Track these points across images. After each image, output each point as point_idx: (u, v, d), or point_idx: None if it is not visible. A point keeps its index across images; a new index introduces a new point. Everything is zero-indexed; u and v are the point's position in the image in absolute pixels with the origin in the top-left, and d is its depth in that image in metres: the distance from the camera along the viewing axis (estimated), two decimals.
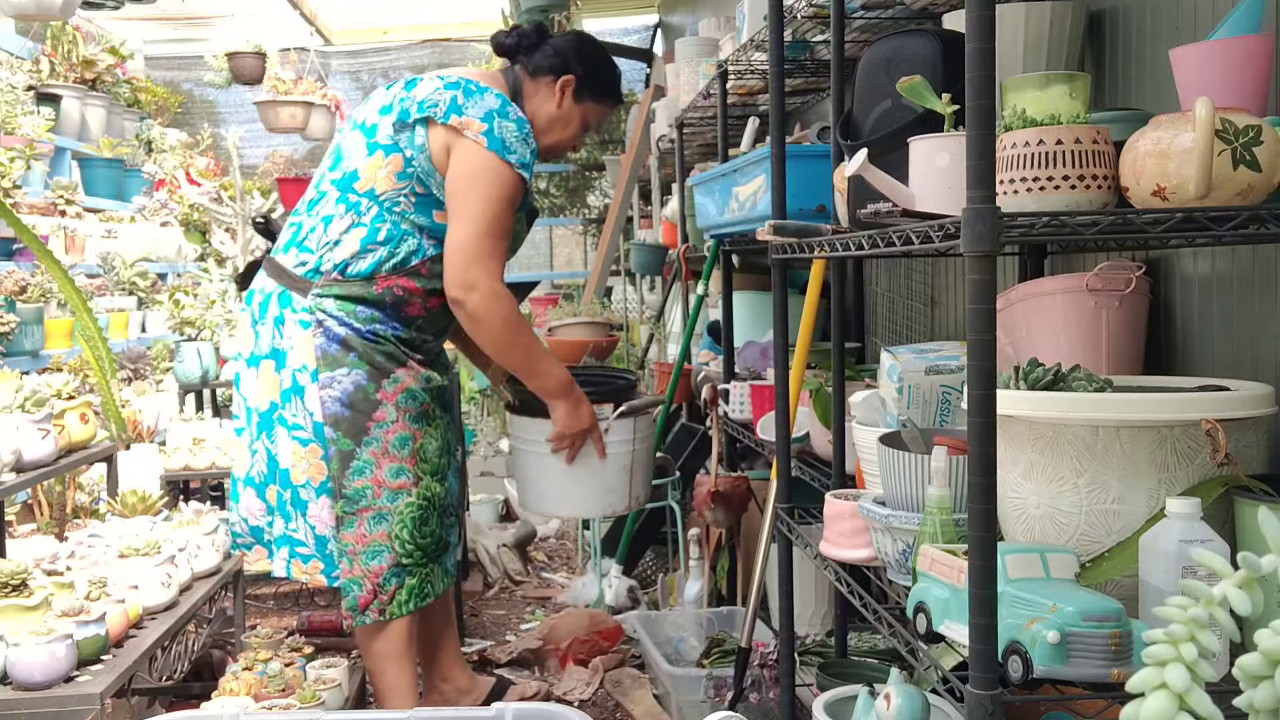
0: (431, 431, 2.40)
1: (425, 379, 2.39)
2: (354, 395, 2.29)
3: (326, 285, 2.30)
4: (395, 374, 2.33)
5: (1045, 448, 1.34)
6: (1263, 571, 0.73)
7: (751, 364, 3.18)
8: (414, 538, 2.34)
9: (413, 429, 2.35)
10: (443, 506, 2.42)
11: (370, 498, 2.31)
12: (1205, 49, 1.34)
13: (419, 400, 2.36)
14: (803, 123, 3.74)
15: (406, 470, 2.34)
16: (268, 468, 2.36)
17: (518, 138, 2.28)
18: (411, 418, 2.35)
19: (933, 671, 1.30)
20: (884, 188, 1.46)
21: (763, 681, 2.44)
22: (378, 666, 2.42)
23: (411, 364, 2.36)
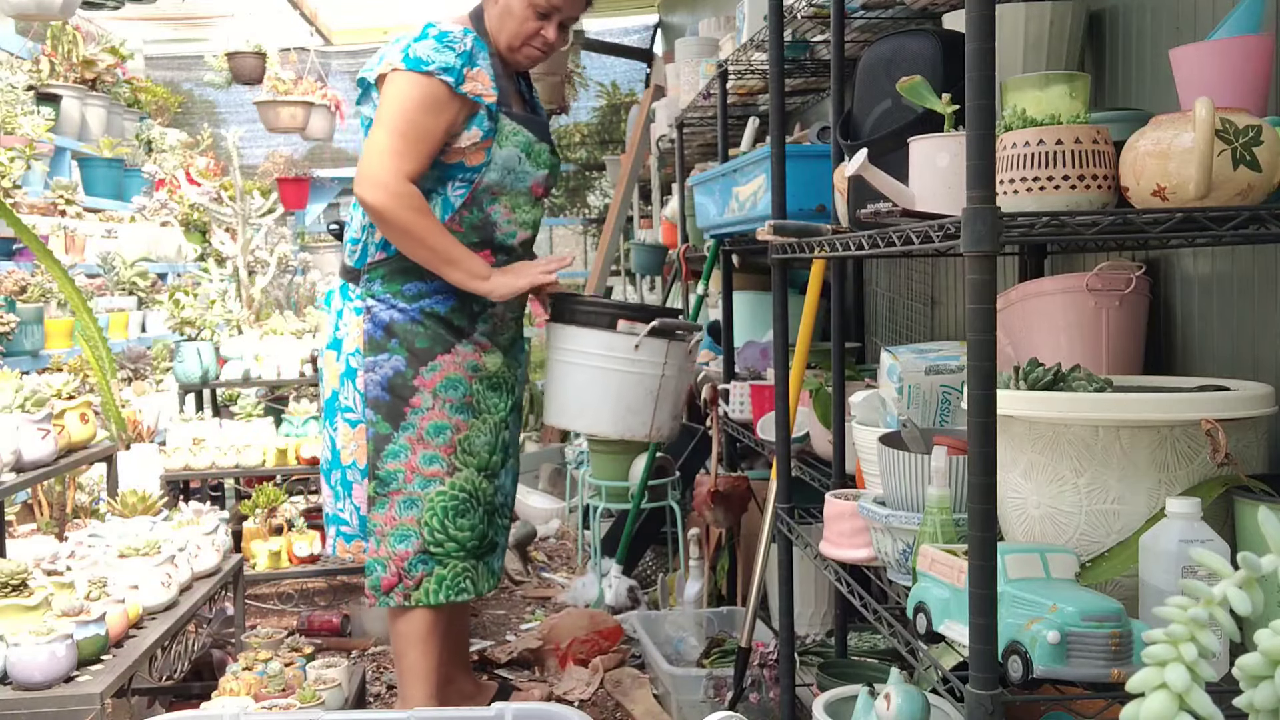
0: (479, 425, 2.42)
1: (472, 367, 2.41)
2: (393, 380, 2.36)
3: (373, 267, 2.39)
4: (436, 361, 2.37)
5: (1045, 448, 1.34)
6: (1263, 571, 0.73)
7: (751, 364, 3.18)
8: (444, 527, 2.36)
9: (454, 419, 2.38)
10: (490, 504, 2.44)
11: (401, 481, 2.36)
12: (1205, 49, 1.34)
13: (461, 390, 2.39)
14: (803, 123, 3.74)
15: (440, 459, 2.36)
16: (331, 452, 2.47)
17: (435, 48, 2.27)
18: (453, 407, 2.38)
19: (933, 671, 1.30)
20: (884, 188, 1.46)
21: (763, 681, 2.44)
22: (399, 647, 2.46)
23: (458, 350, 2.39)
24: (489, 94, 2.31)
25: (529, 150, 2.39)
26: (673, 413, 2.51)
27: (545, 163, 2.43)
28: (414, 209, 2.26)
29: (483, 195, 2.37)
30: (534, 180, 2.42)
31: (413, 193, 2.26)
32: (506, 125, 2.35)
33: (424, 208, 2.28)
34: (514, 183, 2.39)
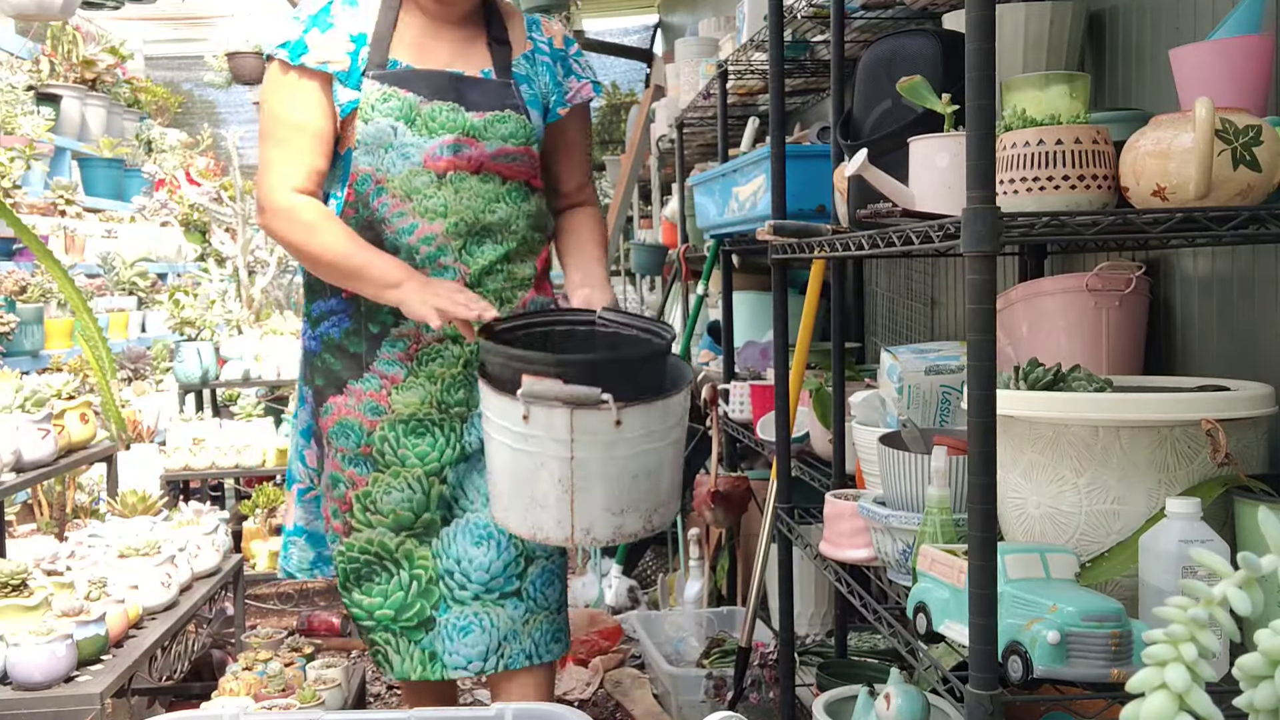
0: (387, 480, 1.93)
1: (372, 409, 1.94)
2: (310, 425, 2.08)
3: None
4: (328, 402, 1.98)
5: (1045, 448, 1.34)
6: (1263, 571, 0.73)
7: (751, 364, 3.18)
8: (348, 590, 1.98)
9: (349, 471, 1.95)
10: (425, 571, 1.95)
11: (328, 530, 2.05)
12: (1205, 49, 1.34)
13: (353, 438, 1.95)
14: (803, 123, 3.74)
15: (339, 514, 1.98)
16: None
17: (286, 19, 2.00)
18: (347, 459, 1.95)
19: (933, 671, 1.30)
20: (884, 188, 1.46)
21: (763, 681, 2.44)
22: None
23: (350, 389, 1.96)
24: (337, 59, 1.91)
25: (410, 115, 1.90)
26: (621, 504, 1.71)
27: (444, 125, 1.90)
28: (301, 222, 1.89)
29: (364, 187, 1.92)
30: (425, 153, 1.89)
31: (297, 205, 1.90)
32: (372, 91, 1.89)
33: (314, 219, 1.89)
34: (393, 163, 1.90)
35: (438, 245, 1.92)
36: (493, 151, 1.93)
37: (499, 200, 1.95)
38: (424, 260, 1.92)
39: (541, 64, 2.05)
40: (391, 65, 1.93)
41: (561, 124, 2.06)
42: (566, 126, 2.08)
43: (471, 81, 1.96)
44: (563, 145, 2.10)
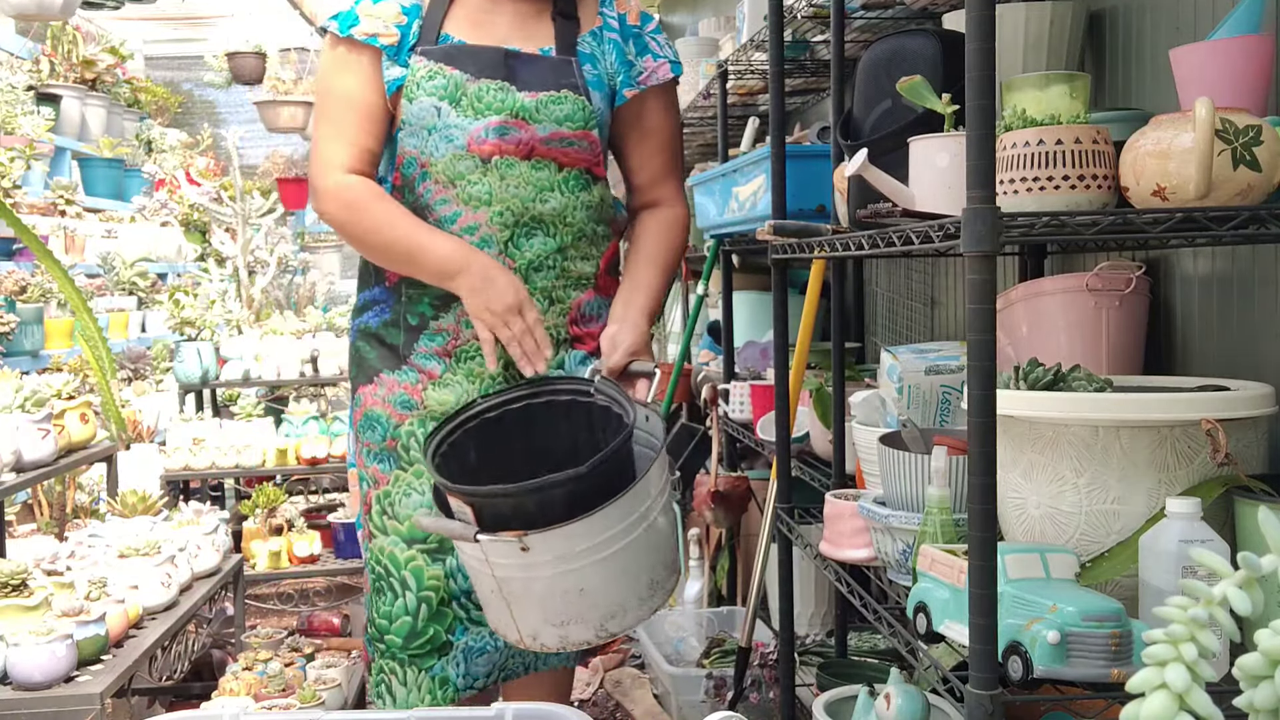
0: (408, 480, 1.82)
1: (403, 402, 1.83)
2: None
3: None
4: (358, 394, 1.90)
5: (1045, 448, 1.34)
6: (1263, 571, 0.73)
7: (751, 364, 3.18)
8: (372, 606, 1.85)
9: (372, 468, 1.85)
10: (437, 591, 1.80)
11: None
12: (1205, 49, 1.34)
13: (379, 431, 1.85)
14: (803, 123, 3.74)
15: (362, 518, 1.90)
16: None
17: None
18: (371, 454, 1.86)
19: (933, 671, 1.30)
20: (884, 188, 1.46)
21: (763, 681, 2.44)
22: None
23: (383, 380, 1.86)
24: (386, 33, 1.80)
25: (456, 95, 1.77)
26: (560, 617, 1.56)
27: (491, 106, 1.77)
28: (346, 201, 1.80)
29: (410, 170, 1.82)
30: (469, 135, 1.77)
31: (348, 184, 1.80)
32: (418, 68, 1.78)
33: (366, 199, 1.80)
34: (436, 146, 1.79)
35: (481, 236, 1.79)
36: (545, 135, 1.79)
37: (553, 189, 1.80)
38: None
39: (609, 41, 1.87)
40: (443, 40, 1.81)
41: (634, 108, 1.89)
42: (641, 111, 1.90)
43: (526, 59, 1.81)
44: (636, 132, 1.91)
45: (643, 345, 1.80)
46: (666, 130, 1.93)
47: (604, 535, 1.53)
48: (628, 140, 1.92)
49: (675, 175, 1.96)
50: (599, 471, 1.53)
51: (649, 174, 1.93)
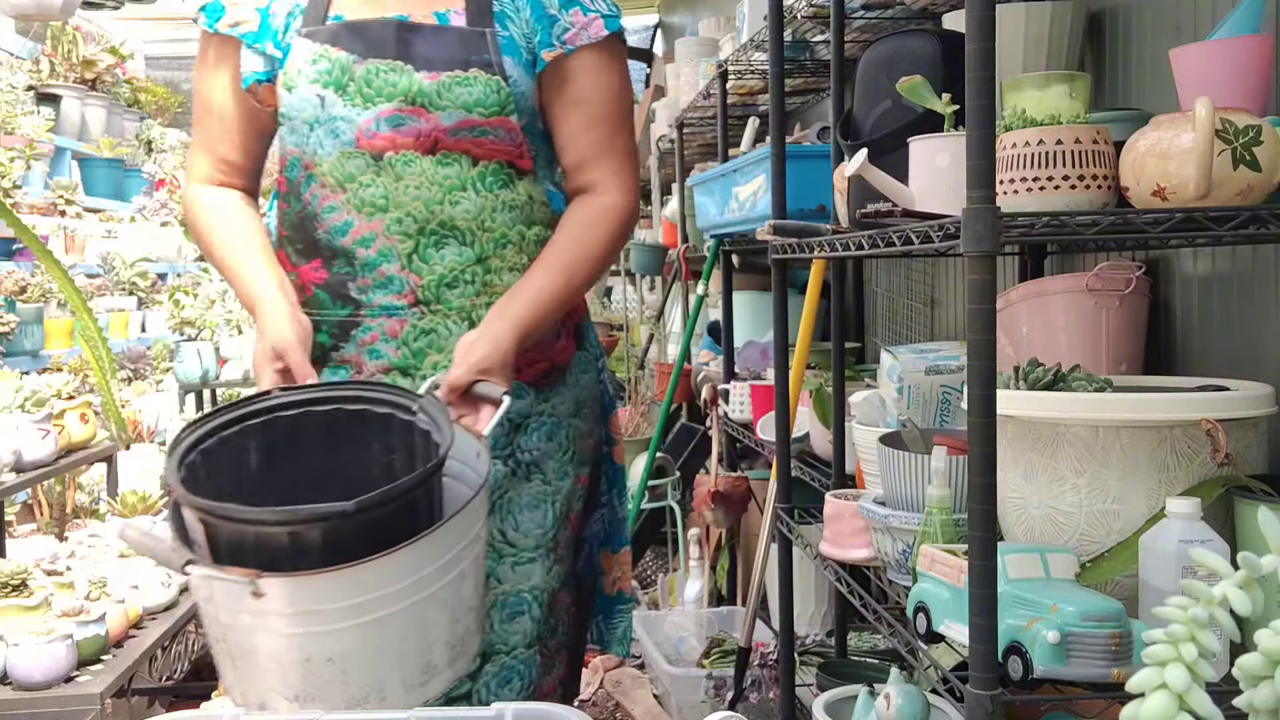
0: None
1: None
2: None
3: None
4: None
5: (1045, 448, 1.34)
6: (1263, 571, 0.73)
7: (751, 364, 3.18)
8: None
9: None
10: None
11: None
12: (1205, 49, 1.34)
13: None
14: (803, 123, 3.74)
15: None
16: None
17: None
18: None
19: (933, 671, 1.30)
20: (884, 188, 1.46)
21: (763, 681, 2.44)
22: None
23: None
24: (247, 19, 1.54)
25: (341, 81, 1.50)
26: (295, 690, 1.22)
27: (381, 91, 1.49)
28: (192, 222, 1.61)
29: (294, 174, 1.56)
30: (358, 128, 1.50)
31: (192, 198, 1.61)
32: (301, 53, 1.51)
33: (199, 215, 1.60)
34: (321, 143, 1.52)
35: (378, 249, 1.51)
36: (451, 124, 1.49)
37: (465, 188, 1.51)
38: (364, 267, 1.52)
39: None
40: (332, 20, 1.53)
41: (557, 72, 1.54)
42: (565, 76, 1.54)
43: (426, 32, 1.50)
44: (560, 102, 1.56)
45: (499, 364, 1.45)
46: (599, 100, 1.56)
47: (368, 595, 1.18)
48: (552, 112, 1.57)
49: (612, 156, 1.60)
50: (374, 514, 1.20)
51: (577, 153, 1.58)
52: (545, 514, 1.61)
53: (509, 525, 1.58)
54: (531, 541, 1.60)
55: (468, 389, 1.44)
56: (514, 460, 1.59)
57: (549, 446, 1.62)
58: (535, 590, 1.60)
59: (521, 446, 1.60)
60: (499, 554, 1.57)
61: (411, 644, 1.24)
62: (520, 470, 1.60)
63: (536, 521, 1.60)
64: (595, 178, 1.60)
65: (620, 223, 1.61)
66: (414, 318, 1.54)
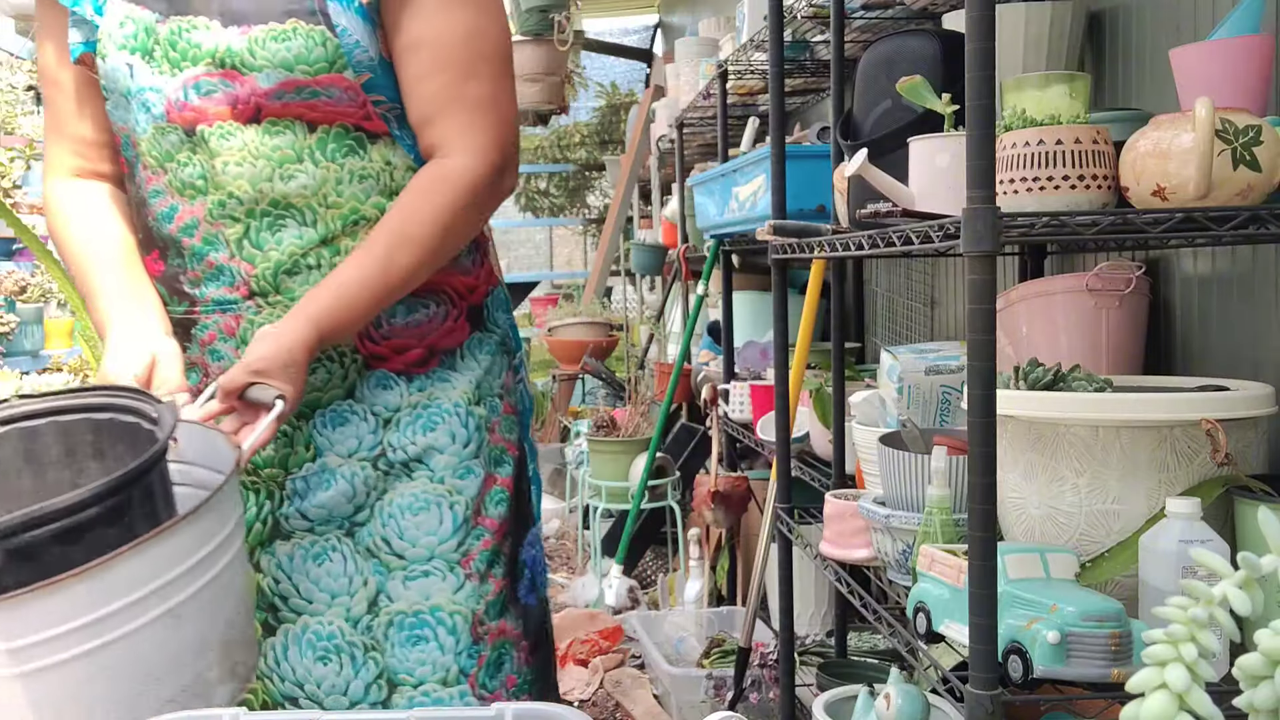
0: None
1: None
2: None
3: None
4: None
5: (1045, 448, 1.34)
6: (1263, 571, 0.73)
7: (751, 364, 3.18)
8: None
9: None
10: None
11: None
12: (1205, 49, 1.34)
13: None
14: (803, 123, 3.75)
15: None
16: None
17: None
18: None
19: (933, 671, 1.30)
20: (884, 188, 1.46)
21: (763, 681, 2.44)
22: None
23: None
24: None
25: (147, 45, 1.30)
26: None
27: (186, 54, 1.28)
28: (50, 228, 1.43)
29: (128, 154, 1.38)
30: (168, 99, 1.30)
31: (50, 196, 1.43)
32: (110, 16, 1.31)
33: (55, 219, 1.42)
34: (138, 118, 1.33)
35: (203, 235, 1.32)
36: (270, 87, 1.27)
37: (301, 159, 1.30)
38: (193, 257, 1.34)
39: None
40: None
41: (392, 12, 1.31)
42: (401, 15, 1.30)
43: None
44: (398, 49, 1.32)
45: (279, 364, 1.22)
46: (441, 42, 1.30)
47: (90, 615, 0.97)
48: (395, 61, 1.33)
49: (458, 109, 1.32)
50: (39, 537, 0.98)
51: (418, 108, 1.33)
52: (439, 518, 1.39)
53: (391, 532, 1.38)
54: (424, 551, 1.38)
55: (242, 392, 1.24)
56: (384, 461, 1.39)
57: (433, 439, 1.39)
58: (439, 611, 1.38)
59: (392, 444, 1.38)
60: (386, 567, 1.38)
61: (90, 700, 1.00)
62: (395, 470, 1.39)
63: (427, 527, 1.38)
64: (439, 136, 1.33)
65: (467, 189, 1.31)
66: (249, 312, 1.35)
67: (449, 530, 1.39)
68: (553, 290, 7.90)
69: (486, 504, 1.43)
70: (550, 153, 8.26)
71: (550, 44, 5.89)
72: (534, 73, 5.89)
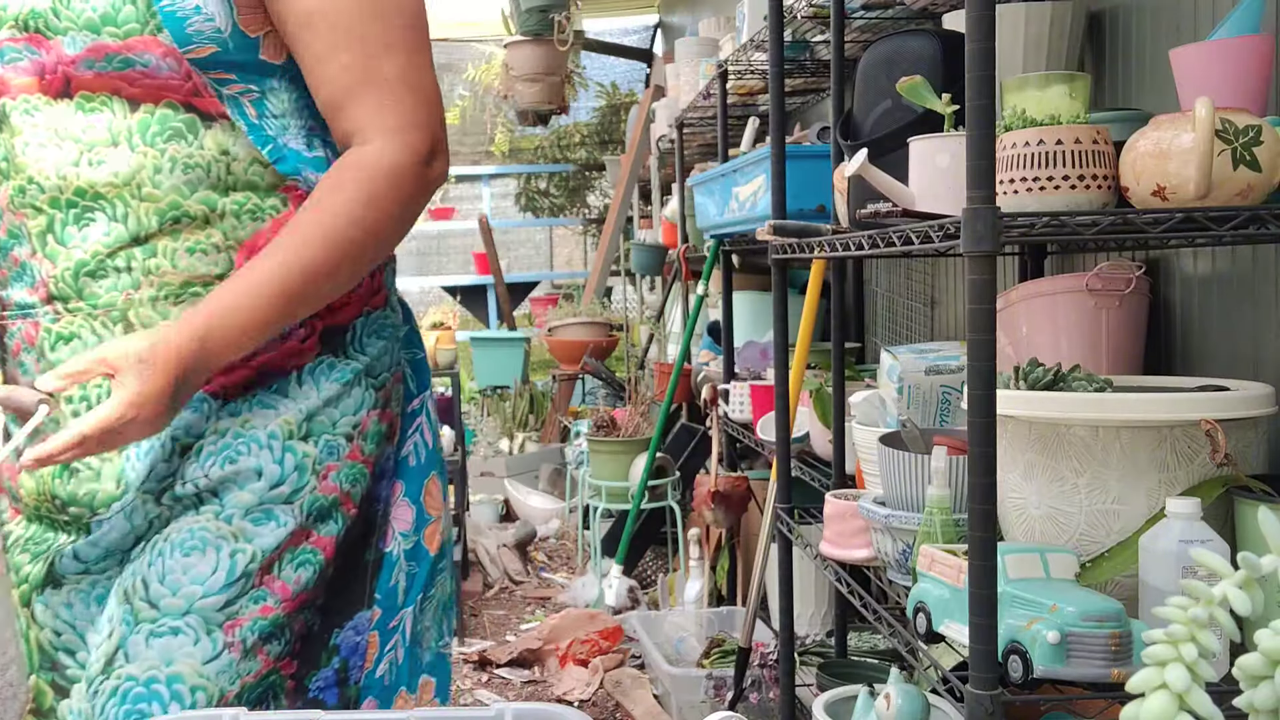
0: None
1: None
2: None
3: None
4: None
5: (1045, 448, 1.34)
6: (1263, 571, 0.73)
7: (751, 364, 3.18)
8: None
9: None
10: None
11: None
12: (1205, 49, 1.34)
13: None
14: (803, 123, 3.75)
15: None
16: None
17: None
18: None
19: (933, 671, 1.30)
20: (884, 188, 1.46)
21: (763, 681, 2.44)
22: None
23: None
24: None
25: None
26: None
27: None
28: None
29: None
30: None
31: None
32: None
33: None
34: None
35: (7, 228, 1.15)
36: (78, 54, 1.09)
37: (116, 142, 1.11)
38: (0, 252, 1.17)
39: None
40: None
41: None
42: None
43: None
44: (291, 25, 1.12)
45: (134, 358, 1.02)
46: (340, 10, 1.11)
47: None
48: (292, 44, 1.14)
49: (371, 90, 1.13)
50: None
51: (327, 93, 1.14)
52: (213, 564, 1.11)
53: (154, 573, 1.11)
54: (181, 602, 1.10)
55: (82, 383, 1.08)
56: (171, 496, 1.14)
57: (232, 471, 1.13)
58: (178, 682, 1.09)
59: (186, 476, 1.14)
60: (135, 616, 1.11)
61: None
62: (180, 505, 1.14)
63: (195, 573, 1.11)
64: (351, 123, 1.13)
65: (386, 179, 1.11)
66: (47, 319, 1.14)
67: (220, 582, 1.11)
68: (553, 290, 7.91)
69: (283, 563, 1.14)
70: (550, 153, 8.26)
71: (550, 44, 5.89)
72: (534, 73, 5.90)
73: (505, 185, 8.82)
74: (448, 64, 8.48)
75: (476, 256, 7.76)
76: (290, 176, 1.17)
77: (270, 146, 1.16)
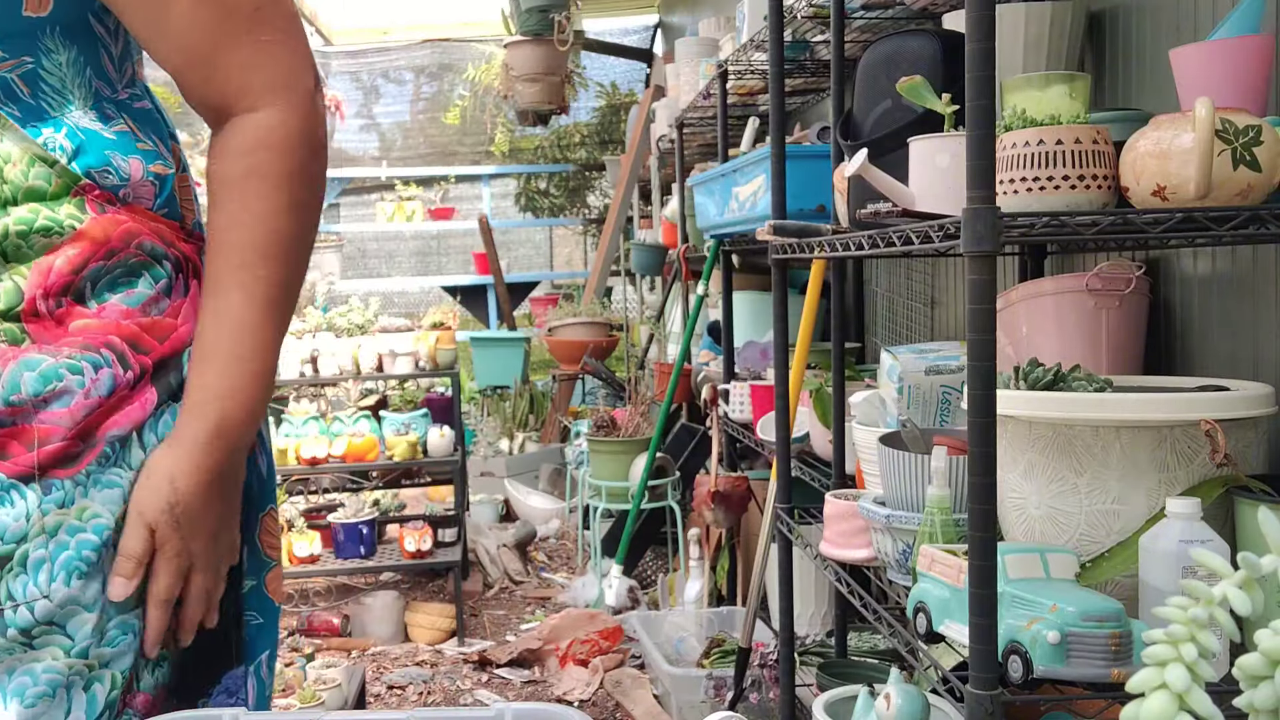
0: None
1: None
2: None
3: None
4: None
5: (1045, 448, 1.34)
6: (1263, 571, 0.73)
7: (751, 364, 3.18)
8: None
9: None
10: None
11: None
12: (1205, 49, 1.34)
13: None
14: (803, 123, 3.75)
15: None
16: None
17: None
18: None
19: (933, 671, 1.30)
20: (884, 188, 1.46)
21: (763, 681, 2.44)
22: None
23: None
24: None
25: None
26: None
27: None
28: None
29: None
30: None
31: None
32: None
33: None
34: None
35: None
36: None
37: None
38: None
39: None
40: None
41: None
42: None
43: None
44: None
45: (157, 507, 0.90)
46: None
47: None
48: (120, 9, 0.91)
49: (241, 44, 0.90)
50: None
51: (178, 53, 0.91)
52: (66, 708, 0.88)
53: None
54: None
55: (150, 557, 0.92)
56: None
57: (79, 589, 0.88)
58: None
59: (16, 597, 0.87)
60: None
61: None
62: (14, 643, 0.88)
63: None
64: (223, 86, 0.91)
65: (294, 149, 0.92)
66: None
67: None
68: (553, 290, 7.91)
69: (141, 671, 0.94)
70: (550, 153, 8.26)
71: (550, 44, 5.89)
72: (534, 73, 5.90)
73: (505, 185, 8.83)
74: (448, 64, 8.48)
75: (476, 256, 7.77)
76: (94, 169, 0.91)
77: (64, 133, 0.90)
